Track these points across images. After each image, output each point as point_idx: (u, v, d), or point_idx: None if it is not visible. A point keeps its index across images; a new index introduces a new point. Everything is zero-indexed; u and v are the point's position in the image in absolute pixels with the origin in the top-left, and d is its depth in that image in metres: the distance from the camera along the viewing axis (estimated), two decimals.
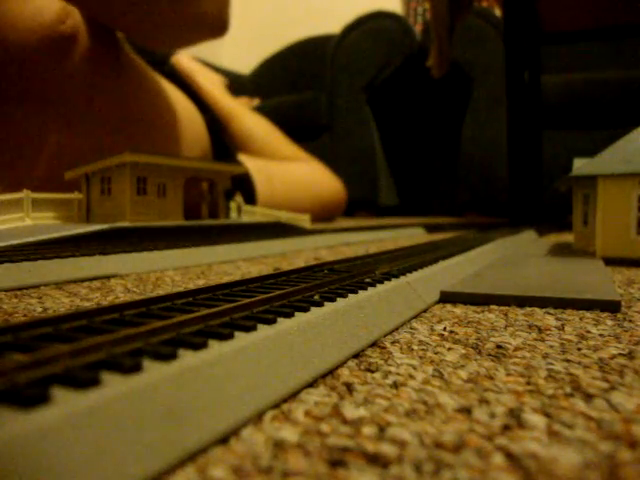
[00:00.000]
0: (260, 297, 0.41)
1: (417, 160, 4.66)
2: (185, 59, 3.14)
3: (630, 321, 0.51)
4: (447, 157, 4.32)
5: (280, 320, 0.37)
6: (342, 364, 0.38)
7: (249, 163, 2.55)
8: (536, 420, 0.28)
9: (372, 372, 0.36)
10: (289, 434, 0.26)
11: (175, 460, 0.23)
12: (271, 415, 0.29)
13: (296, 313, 0.40)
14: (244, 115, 3.16)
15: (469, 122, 3.82)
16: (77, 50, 1.48)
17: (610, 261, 0.96)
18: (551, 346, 0.42)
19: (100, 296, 0.66)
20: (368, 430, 0.27)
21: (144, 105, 1.79)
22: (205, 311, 0.36)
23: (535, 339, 0.44)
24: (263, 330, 0.35)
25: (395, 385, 0.33)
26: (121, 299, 0.64)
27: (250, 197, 2.34)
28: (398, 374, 0.35)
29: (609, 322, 0.51)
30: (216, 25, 1.74)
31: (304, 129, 4.23)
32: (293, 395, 0.31)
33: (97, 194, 1.31)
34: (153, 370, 0.26)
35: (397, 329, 0.48)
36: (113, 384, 0.24)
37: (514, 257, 1.00)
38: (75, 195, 1.34)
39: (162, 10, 1.56)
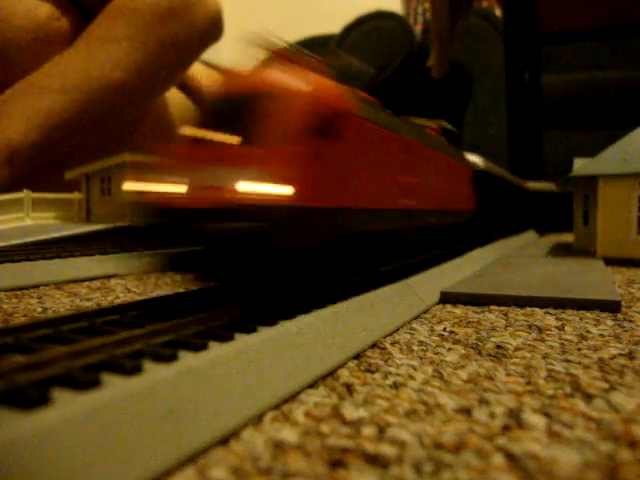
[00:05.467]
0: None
1: None
2: None
3: (630, 321, 0.51)
4: None
5: (280, 321, 0.37)
6: (342, 365, 0.38)
7: None
8: (536, 420, 0.28)
9: (372, 373, 0.36)
10: (289, 435, 0.26)
11: (175, 461, 0.23)
12: (271, 416, 0.29)
13: (296, 314, 0.40)
14: None
15: (469, 122, 3.82)
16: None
17: (610, 261, 0.96)
18: (551, 346, 0.42)
19: (100, 296, 0.66)
20: (368, 431, 0.27)
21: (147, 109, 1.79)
22: (204, 312, 0.36)
23: (535, 339, 0.44)
24: (263, 331, 0.35)
25: (395, 386, 0.33)
26: (121, 299, 0.64)
27: None
28: (398, 375, 0.35)
29: (609, 322, 0.51)
30: (211, 34, 1.74)
31: None
32: (293, 396, 0.31)
33: (97, 194, 1.31)
34: (153, 371, 0.26)
35: (397, 330, 0.48)
36: (114, 385, 0.24)
37: (514, 257, 1.00)
38: (75, 195, 1.34)
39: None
